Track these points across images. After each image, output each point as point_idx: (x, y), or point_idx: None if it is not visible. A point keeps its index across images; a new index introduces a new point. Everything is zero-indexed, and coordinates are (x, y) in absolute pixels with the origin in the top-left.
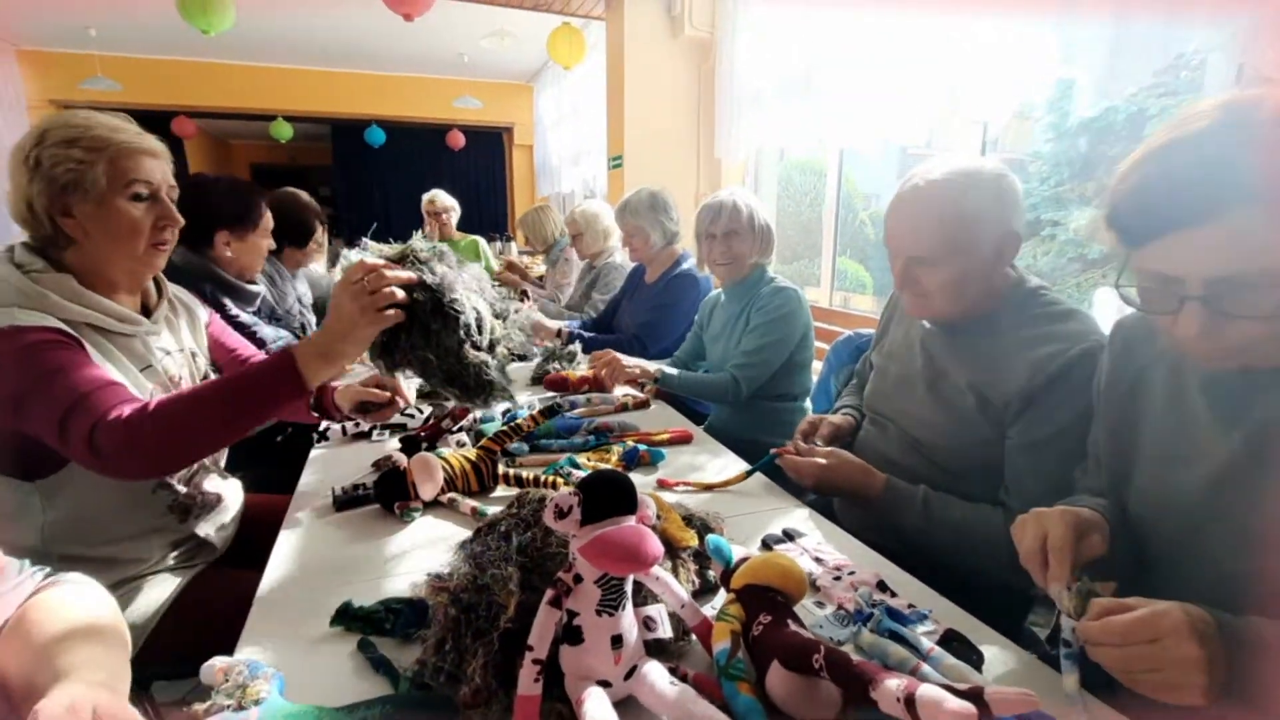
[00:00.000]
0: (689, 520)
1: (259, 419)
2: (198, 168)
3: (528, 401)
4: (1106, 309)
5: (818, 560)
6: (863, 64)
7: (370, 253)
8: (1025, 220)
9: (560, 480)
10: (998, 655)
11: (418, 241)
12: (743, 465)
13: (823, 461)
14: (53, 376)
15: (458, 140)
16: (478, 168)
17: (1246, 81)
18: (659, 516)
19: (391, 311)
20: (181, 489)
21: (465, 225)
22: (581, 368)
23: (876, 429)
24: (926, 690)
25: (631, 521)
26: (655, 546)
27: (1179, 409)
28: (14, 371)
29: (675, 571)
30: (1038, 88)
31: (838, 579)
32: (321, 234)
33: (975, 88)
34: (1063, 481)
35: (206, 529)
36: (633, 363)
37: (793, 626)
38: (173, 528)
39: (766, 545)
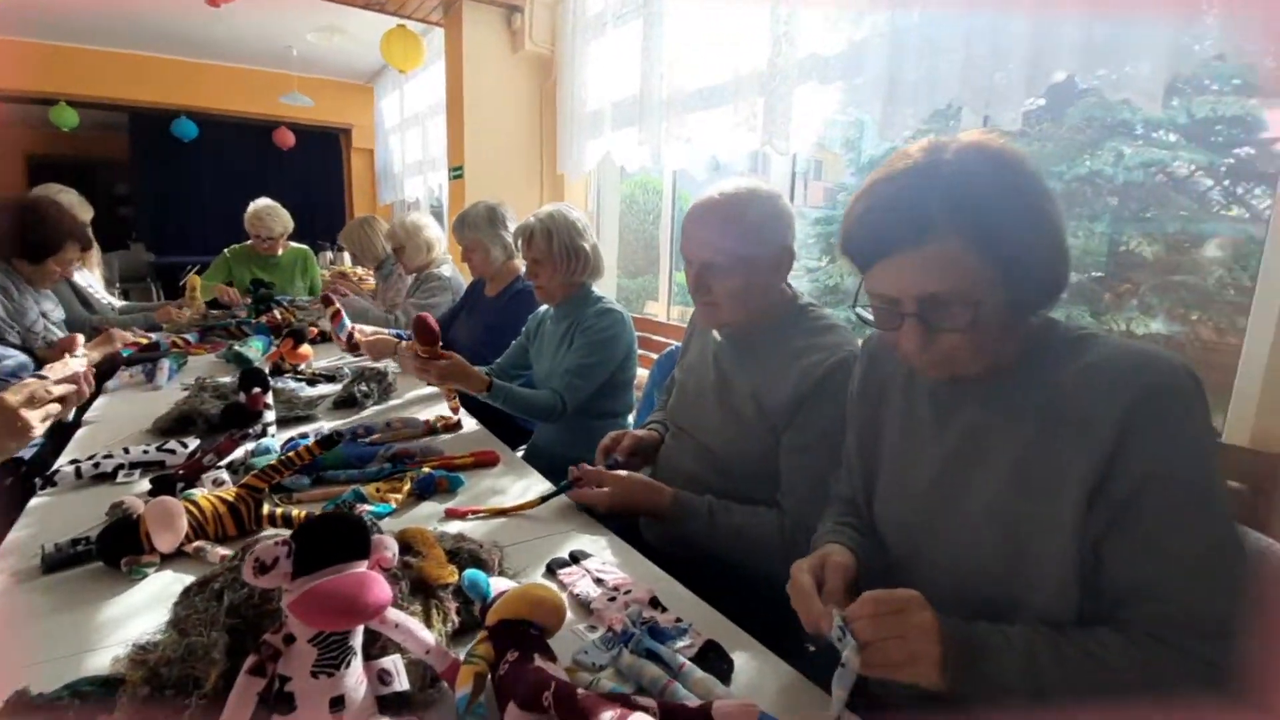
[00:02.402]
0: (455, 555)
1: None
2: None
3: (315, 430)
4: None
5: (599, 581)
6: (690, 92)
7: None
8: (794, 238)
9: None
10: (749, 661)
11: None
12: (547, 486)
13: (607, 490)
14: None
15: (286, 139)
16: (311, 170)
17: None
18: (417, 554)
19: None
20: None
21: (295, 232)
22: (394, 395)
23: (676, 442)
24: None
25: (362, 567)
26: (378, 594)
27: (911, 415)
28: None
29: (428, 613)
30: (837, 126)
31: (613, 600)
32: (74, 252)
33: (783, 121)
34: (824, 481)
35: None
36: (472, 367)
37: (539, 661)
38: None
39: (551, 570)
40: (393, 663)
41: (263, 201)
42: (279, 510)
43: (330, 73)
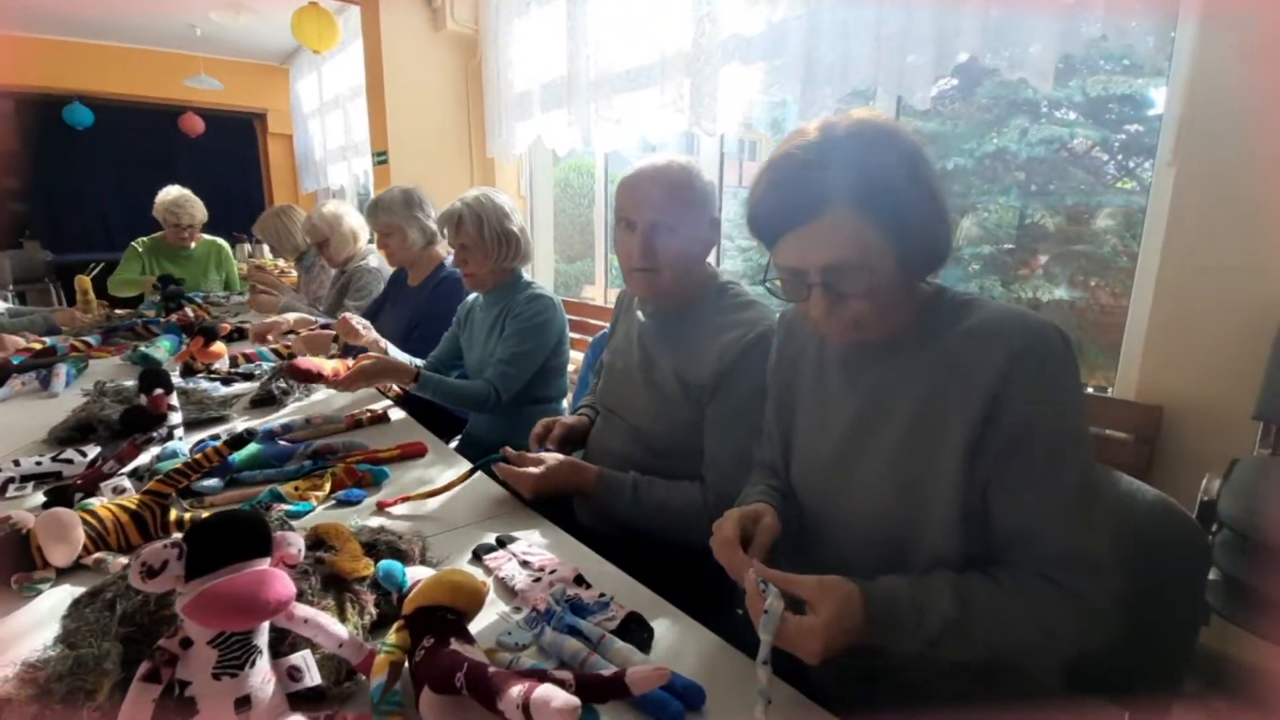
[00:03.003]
0: (372, 547)
1: None
2: None
3: (228, 430)
4: None
5: (525, 564)
6: (617, 72)
7: None
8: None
9: None
10: (671, 629)
11: None
12: (479, 475)
13: (534, 471)
14: None
15: (195, 125)
16: (225, 157)
17: (903, 110)
18: (330, 549)
19: None
20: None
21: (210, 225)
22: (316, 390)
23: (605, 424)
24: (540, 692)
25: (265, 564)
26: (279, 591)
27: (822, 382)
28: None
29: (342, 606)
30: (763, 107)
31: (538, 580)
32: None
33: (709, 102)
34: (747, 450)
35: None
36: (397, 360)
37: (454, 645)
38: None
39: (477, 556)
40: (302, 659)
41: (175, 189)
42: (187, 515)
43: (240, 54)
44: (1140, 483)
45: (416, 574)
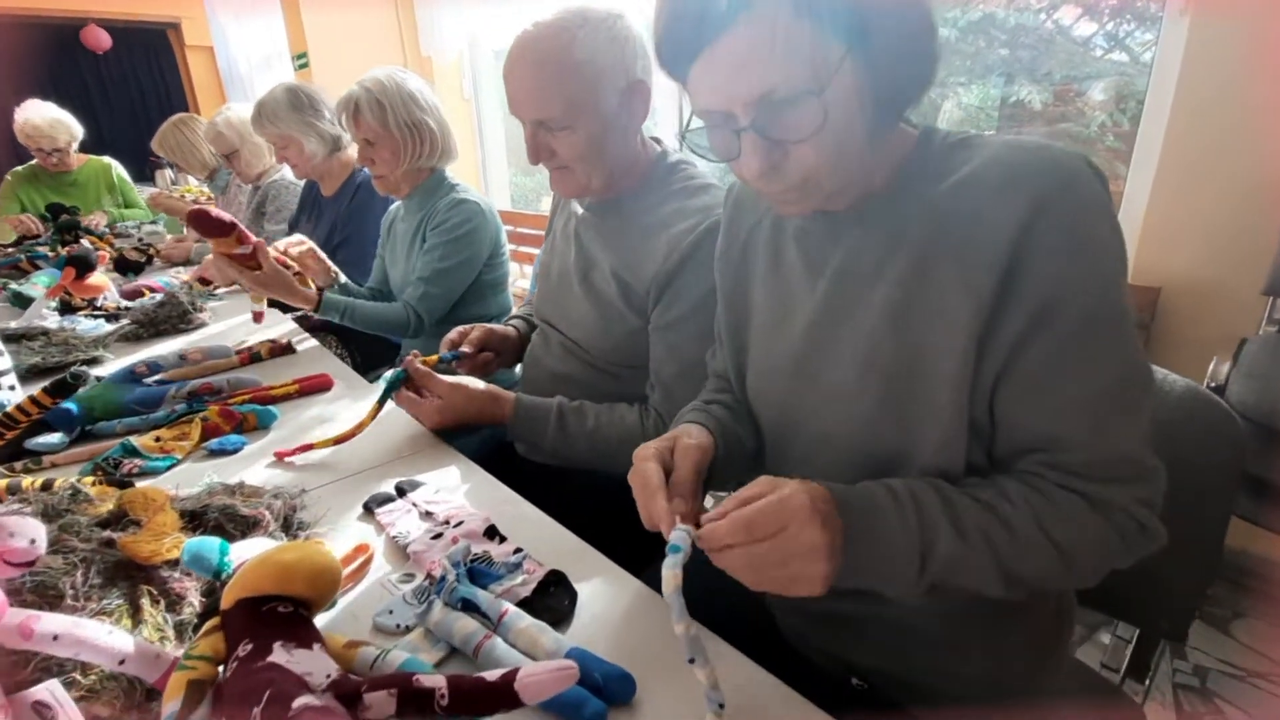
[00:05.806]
0: (198, 517)
1: None
2: None
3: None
4: None
5: (427, 515)
6: None
7: None
8: (650, 69)
9: (89, 482)
10: (601, 587)
11: None
12: (389, 409)
13: (436, 402)
14: None
15: (99, 39)
16: (139, 77)
17: None
18: (132, 524)
19: None
20: None
21: (129, 152)
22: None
23: (541, 339)
24: None
25: None
26: None
27: (780, 266)
28: None
29: (137, 605)
30: None
31: (438, 537)
32: None
33: None
34: (697, 363)
35: None
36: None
37: (277, 654)
38: None
39: (369, 510)
40: (48, 690)
41: (34, 106)
42: (3, 482)
43: None
44: (1168, 370)
45: (248, 551)
